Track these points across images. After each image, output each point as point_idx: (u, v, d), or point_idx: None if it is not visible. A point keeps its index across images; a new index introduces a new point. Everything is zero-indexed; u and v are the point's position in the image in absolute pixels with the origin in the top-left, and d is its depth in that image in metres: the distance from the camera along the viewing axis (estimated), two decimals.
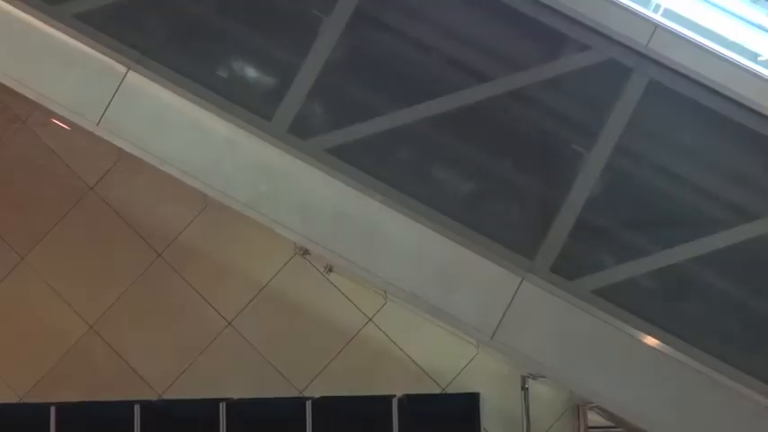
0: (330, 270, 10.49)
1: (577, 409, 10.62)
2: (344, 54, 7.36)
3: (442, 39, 7.43)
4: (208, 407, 10.40)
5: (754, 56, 7.75)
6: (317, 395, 10.58)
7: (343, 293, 10.81)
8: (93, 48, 7.35)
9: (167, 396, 10.77)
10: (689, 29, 7.47)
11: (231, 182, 7.25)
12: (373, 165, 7.26)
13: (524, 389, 10.43)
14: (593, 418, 10.40)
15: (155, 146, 7.30)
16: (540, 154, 7.37)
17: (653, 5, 7.87)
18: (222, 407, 10.34)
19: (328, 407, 10.37)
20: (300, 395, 10.68)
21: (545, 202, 7.29)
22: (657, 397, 6.94)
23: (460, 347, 10.27)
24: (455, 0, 7.42)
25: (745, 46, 7.83)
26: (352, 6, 7.27)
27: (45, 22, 7.37)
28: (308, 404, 10.35)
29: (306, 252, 9.82)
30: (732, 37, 7.86)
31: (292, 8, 7.54)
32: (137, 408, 10.37)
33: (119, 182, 11.01)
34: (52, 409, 10.38)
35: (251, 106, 7.29)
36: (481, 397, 10.47)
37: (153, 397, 10.74)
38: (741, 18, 8.02)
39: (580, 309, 7.02)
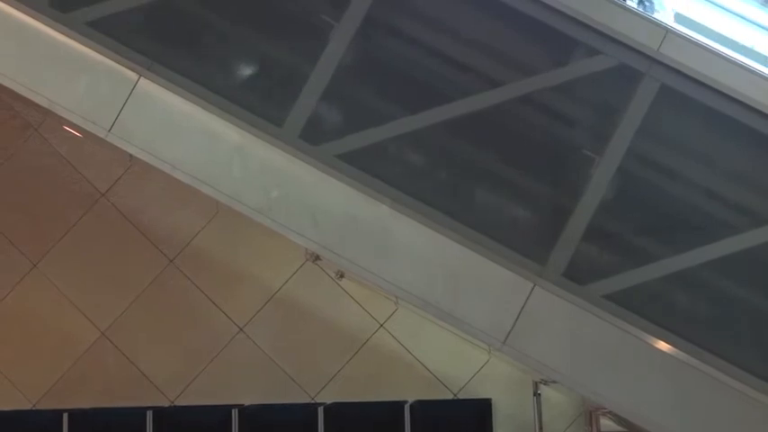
0: (341, 276, 10.48)
1: (590, 414, 10.59)
2: (355, 60, 7.36)
3: (451, 44, 7.43)
4: (220, 413, 10.43)
5: (765, 59, 7.75)
6: (328, 401, 10.59)
7: (354, 299, 10.80)
8: (104, 55, 7.37)
9: (179, 402, 10.78)
10: (699, 33, 7.47)
11: (242, 188, 7.26)
12: (384, 170, 7.26)
13: (536, 394, 10.41)
14: (606, 424, 10.37)
15: (166, 152, 7.31)
16: (551, 159, 7.36)
17: (663, 10, 7.87)
18: (234, 413, 10.37)
19: (340, 413, 10.39)
20: (312, 401, 10.68)
21: (556, 207, 7.28)
22: (669, 402, 6.92)
23: (472, 353, 10.25)
24: (466, 6, 7.42)
25: (756, 50, 7.84)
26: (363, 12, 7.27)
27: (57, 29, 7.38)
28: (320, 410, 10.37)
29: (317, 258, 9.81)
30: (743, 41, 7.87)
31: (303, 14, 7.54)
32: (149, 414, 10.40)
33: (130, 188, 11.02)
34: (65, 416, 10.42)
35: (262, 112, 7.30)
36: (493, 403, 10.47)
37: (165, 403, 10.74)
38: (752, 22, 8.03)
39: (592, 314, 7.00)
